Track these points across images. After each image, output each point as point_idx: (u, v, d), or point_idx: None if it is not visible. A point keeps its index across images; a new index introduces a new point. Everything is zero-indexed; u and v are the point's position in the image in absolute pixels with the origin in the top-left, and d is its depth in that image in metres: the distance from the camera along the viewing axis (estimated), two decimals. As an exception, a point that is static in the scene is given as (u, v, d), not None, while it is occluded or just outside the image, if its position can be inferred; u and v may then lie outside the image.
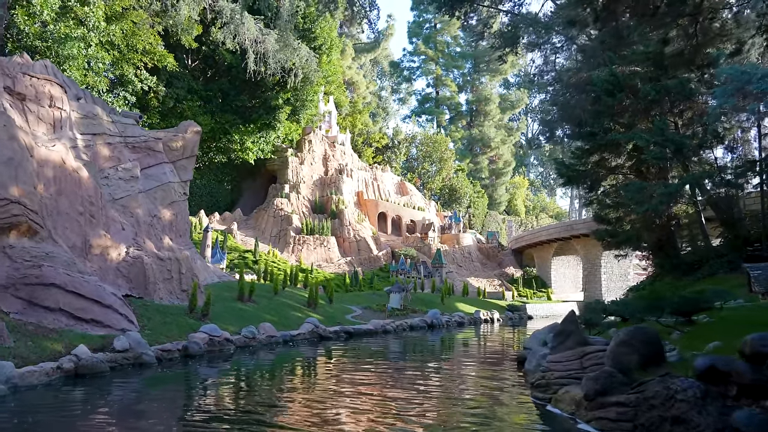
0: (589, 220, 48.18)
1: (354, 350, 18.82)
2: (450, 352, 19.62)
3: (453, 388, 11.38)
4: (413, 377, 12.89)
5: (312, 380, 12.83)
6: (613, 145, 27.12)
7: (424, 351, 19.84)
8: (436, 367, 14.80)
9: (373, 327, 23.52)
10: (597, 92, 25.83)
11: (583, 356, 8.45)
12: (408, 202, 57.63)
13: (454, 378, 12.95)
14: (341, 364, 15.47)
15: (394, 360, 16.67)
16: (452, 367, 14.91)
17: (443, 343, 23.05)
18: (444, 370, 14.39)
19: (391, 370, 14.25)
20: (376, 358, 16.95)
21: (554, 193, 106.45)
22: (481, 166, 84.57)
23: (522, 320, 38.77)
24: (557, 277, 52.47)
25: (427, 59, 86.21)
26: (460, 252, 53.03)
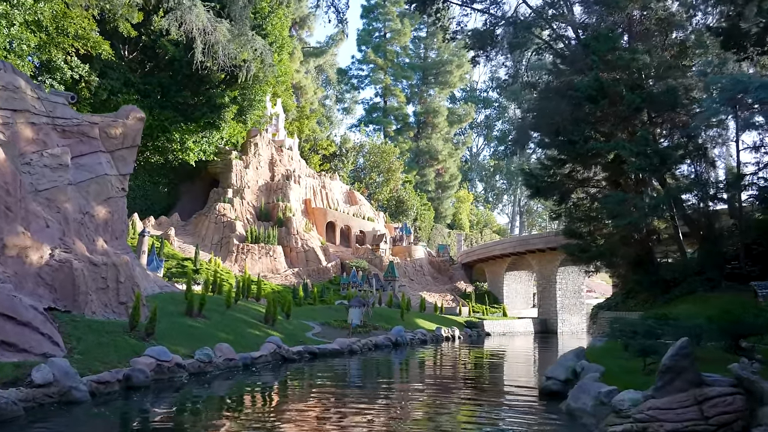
0: (545, 234, 47.34)
1: (325, 376, 16.17)
2: (440, 380, 17.28)
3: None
4: (421, 425, 10.43)
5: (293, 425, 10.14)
6: (593, 154, 25.80)
7: (408, 378, 17.41)
8: (442, 403, 12.41)
9: (339, 347, 20.88)
10: (579, 98, 24.46)
11: (702, 401, 6.39)
12: (357, 211, 55.22)
13: (476, 422, 10.48)
14: (319, 396, 12.82)
15: (380, 393, 14.14)
16: (461, 403, 12.58)
17: (421, 366, 20.70)
18: (451, 406, 12.03)
19: (385, 411, 11.73)
20: (358, 389, 14.38)
21: (496, 207, 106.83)
22: (428, 179, 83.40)
23: (480, 337, 37.09)
24: (509, 293, 51.32)
25: (376, 68, 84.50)
26: (411, 265, 51.02)
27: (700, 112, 23.76)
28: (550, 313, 45.10)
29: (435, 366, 21.05)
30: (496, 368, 21.60)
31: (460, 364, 22.11)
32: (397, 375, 17.76)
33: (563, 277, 45.33)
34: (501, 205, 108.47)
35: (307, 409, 11.11)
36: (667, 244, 26.22)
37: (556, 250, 43.58)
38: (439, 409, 11.40)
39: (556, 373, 11.25)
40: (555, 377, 11.21)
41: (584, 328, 46.15)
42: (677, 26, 26.29)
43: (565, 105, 24.73)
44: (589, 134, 25.32)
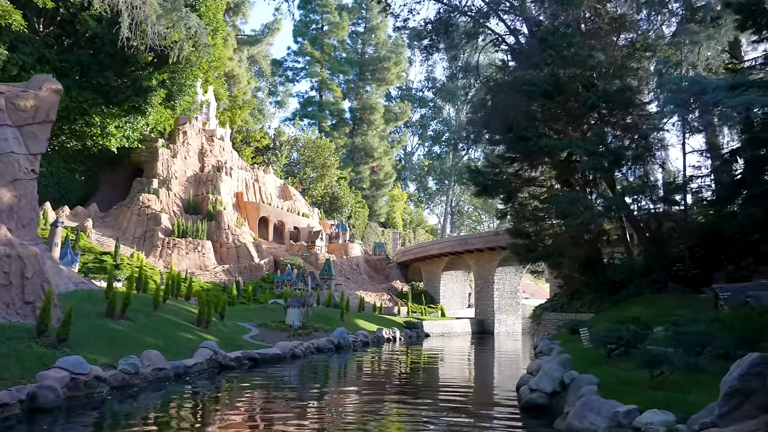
0: (484, 234, 47.02)
1: (269, 386, 14.40)
2: (402, 390, 15.85)
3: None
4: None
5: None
6: (545, 152, 25.19)
7: (365, 385, 15.85)
8: (414, 418, 10.99)
9: (281, 351, 19.07)
10: (534, 94, 23.75)
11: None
12: (292, 207, 53.07)
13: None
14: (260, 409, 11.09)
15: (345, 405, 12.55)
16: (434, 419, 11.20)
17: (372, 371, 19.19)
18: (425, 423, 10.63)
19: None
20: (313, 400, 12.72)
21: (428, 208, 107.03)
22: (363, 176, 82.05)
23: (420, 338, 36.10)
24: (446, 293, 50.75)
25: (313, 61, 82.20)
26: (348, 263, 49.46)
27: (657, 112, 23.70)
28: (488, 313, 44.79)
29: (386, 372, 19.65)
30: (456, 374, 20.46)
31: (414, 370, 20.81)
32: (353, 383, 16.20)
33: (501, 277, 45.13)
34: (433, 206, 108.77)
35: (245, 425, 9.44)
36: (614, 245, 26.06)
37: (495, 250, 43.39)
38: (416, 428, 10.00)
39: (541, 384, 10.09)
40: (540, 389, 10.05)
41: (520, 328, 46.22)
42: (629, 27, 26.14)
43: (519, 100, 23.97)
44: (543, 131, 24.72)
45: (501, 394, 14.57)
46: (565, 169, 25.97)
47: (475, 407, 12.05)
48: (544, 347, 22.71)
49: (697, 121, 21.34)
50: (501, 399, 13.32)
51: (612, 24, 25.95)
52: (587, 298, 26.47)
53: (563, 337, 21.07)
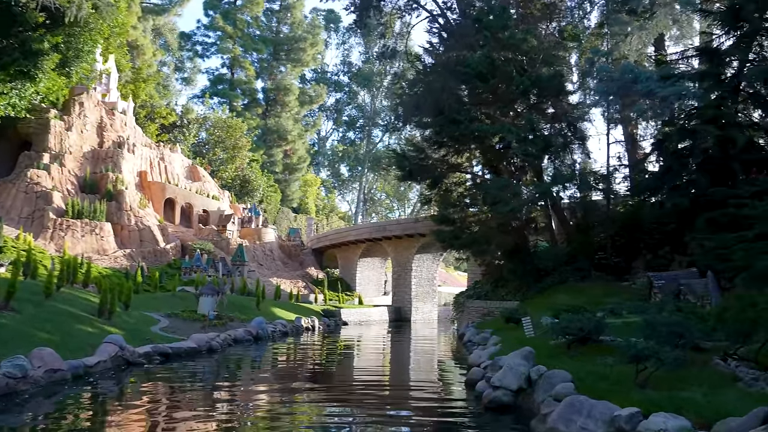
0: (403, 220, 46.47)
1: (181, 384, 12.67)
2: (338, 384, 14.53)
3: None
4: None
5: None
6: (476, 137, 24.64)
7: (294, 380, 14.36)
8: (369, 415, 9.75)
9: (196, 344, 17.18)
10: (468, 75, 23.05)
11: None
12: (201, 189, 49.92)
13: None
14: (170, 412, 9.46)
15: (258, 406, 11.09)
16: (384, 416, 10.02)
17: (296, 360, 17.67)
18: (375, 421, 9.42)
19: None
20: (225, 402, 11.16)
21: (341, 194, 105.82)
22: (276, 159, 79.34)
23: (338, 327, 34.91)
24: (362, 280, 49.85)
25: (225, 36, 78.01)
26: (261, 249, 47.26)
27: (580, 102, 23.76)
28: (405, 301, 44.36)
29: (314, 363, 18.26)
30: (395, 367, 19.38)
31: (342, 360, 19.56)
32: (280, 377, 14.68)
33: (419, 264, 44.82)
34: (345, 192, 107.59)
35: (148, 429, 7.90)
36: (541, 233, 26.09)
37: (414, 237, 42.95)
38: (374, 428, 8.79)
39: (506, 381, 9.17)
40: (505, 386, 9.13)
41: (436, 316, 46.23)
42: (558, 15, 26.07)
43: (453, 81, 23.21)
44: (475, 115, 24.13)
45: (449, 389, 13.63)
46: (494, 155, 25.62)
47: (429, 406, 11.02)
48: (473, 335, 22.23)
49: (627, 111, 21.51)
50: (453, 396, 12.36)
51: (543, 11, 25.75)
52: (512, 286, 26.37)
53: (496, 325, 20.62)
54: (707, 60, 19.95)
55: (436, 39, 29.61)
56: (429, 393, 12.83)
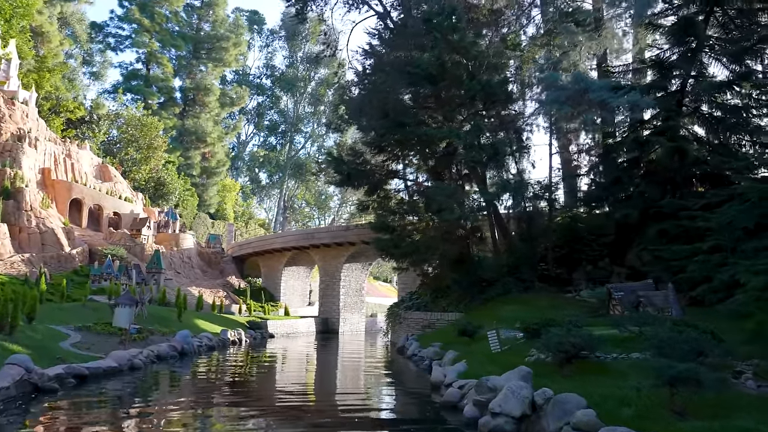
0: (333, 228, 44.94)
1: (98, 412, 10.62)
2: (296, 409, 12.85)
3: None
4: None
5: None
6: (422, 141, 23.72)
7: (228, 400, 12.53)
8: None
9: (117, 363, 14.93)
10: (418, 77, 22.11)
11: None
12: (112, 189, 46.08)
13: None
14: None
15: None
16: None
17: (239, 381, 15.72)
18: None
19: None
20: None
21: (261, 200, 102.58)
22: (193, 162, 75.44)
23: (264, 339, 32.87)
24: (287, 290, 47.77)
25: (141, 30, 73.23)
26: (179, 256, 44.12)
27: (539, 109, 23.43)
28: (333, 312, 42.76)
29: (254, 381, 16.42)
30: (336, 382, 17.84)
31: (284, 377, 17.82)
32: (209, 398, 12.80)
33: (347, 274, 43.41)
34: (265, 199, 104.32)
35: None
36: (482, 243, 25.49)
37: (343, 246, 41.56)
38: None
39: (507, 406, 8.04)
40: (507, 413, 8.00)
41: (363, 327, 44.95)
42: (504, 23, 25.80)
43: (400, 82, 22.19)
44: (422, 118, 23.23)
45: (423, 412, 12.29)
46: (439, 161, 24.82)
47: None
48: (417, 349, 21.12)
49: (577, 120, 21.36)
50: (436, 422, 11.04)
51: (489, 17, 25.37)
52: (453, 296, 25.55)
53: (445, 338, 19.59)
54: (657, 73, 20.12)
55: (376, 41, 28.60)
56: (405, 416, 11.51)
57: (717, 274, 15.11)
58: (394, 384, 16.84)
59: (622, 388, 7.96)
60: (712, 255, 15.64)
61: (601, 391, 7.98)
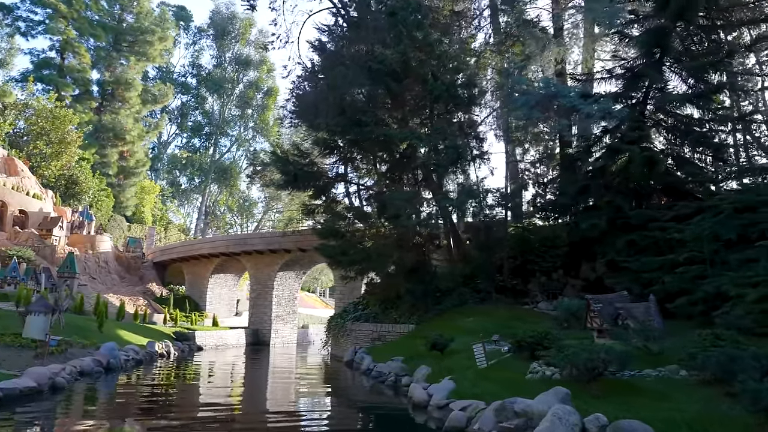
0: (268, 234, 42.60)
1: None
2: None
3: None
4: None
5: None
6: (381, 142, 22.39)
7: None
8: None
9: (36, 382, 12.48)
10: (380, 73, 20.79)
11: None
12: (18, 185, 41.62)
13: None
14: None
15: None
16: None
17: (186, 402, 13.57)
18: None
19: None
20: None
21: (182, 204, 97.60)
22: (110, 161, 70.29)
23: (192, 351, 30.25)
24: (213, 299, 44.83)
25: (56, 15, 67.57)
26: (95, 259, 40.33)
27: (498, 113, 22.70)
28: (264, 322, 40.38)
29: (197, 398, 14.33)
30: (289, 397, 15.95)
31: (230, 392, 15.78)
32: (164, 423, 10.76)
33: (281, 283, 41.24)
34: (186, 203, 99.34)
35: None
36: (436, 252, 24.42)
37: (277, 253, 39.47)
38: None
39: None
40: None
41: (295, 339, 42.85)
42: (469, 25, 25.10)
43: (361, 78, 20.79)
44: (382, 117, 21.94)
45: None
46: (397, 164, 23.58)
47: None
48: (372, 363, 19.65)
49: (542, 126, 20.82)
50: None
51: (452, 18, 24.57)
52: (405, 307, 24.28)
53: (407, 352, 18.23)
54: (624, 82, 19.91)
55: (326, 38, 27.09)
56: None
57: (700, 286, 14.73)
58: (359, 403, 15.22)
59: (682, 411, 6.93)
60: (690, 266, 15.28)
61: (656, 416, 6.91)
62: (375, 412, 13.09)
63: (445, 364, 14.53)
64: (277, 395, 17.13)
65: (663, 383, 8.72)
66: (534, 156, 25.16)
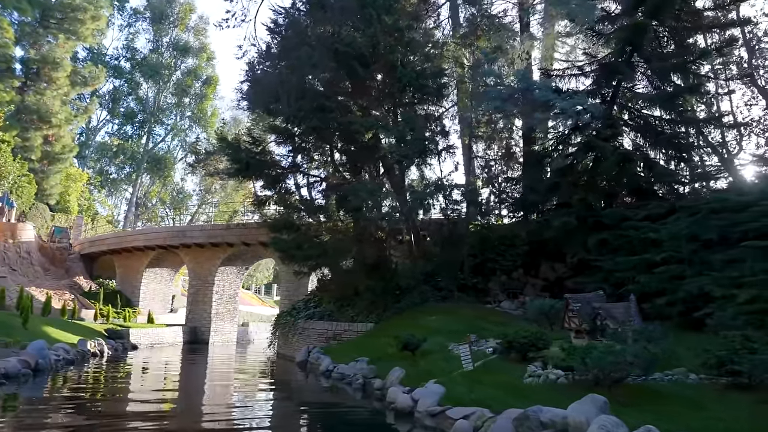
0: (210, 226, 40.46)
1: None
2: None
3: None
4: None
5: None
6: (344, 130, 21.20)
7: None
8: None
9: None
10: (347, 56, 19.60)
11: None
12: (-72, 166, 37.69)
13: None
14: None
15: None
16: None
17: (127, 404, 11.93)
18: None
19: None
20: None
21: (111, 194, 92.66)
22: (33, 145, 65.28)
23: (126, 350, 28.09)
24: (147, 294, 42.16)
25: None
26: (15, 250, 37.02)
27: (465, 106, 21.92)
28: (203, 320, 38.26)
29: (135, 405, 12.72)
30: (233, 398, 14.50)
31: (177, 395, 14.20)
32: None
33: (222, 278, 39.23)
34: (115, 193, 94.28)
35: None
36: (402, 248, 23.49)
37: (220, 247, 37.50)
38: None
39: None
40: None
41: (235, 337, 40.94)
42: (436, 14, 24.30)
43: (328, 60, 19.55)
44: (347, 104, 20.74)
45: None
46: (359, 155, 22.45)
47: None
48: (331, 365, 18.53)
49: (514, 120, 20.26)
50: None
51: (419, 5, 23.69)
52: (362, 305, 23.23)
53: (371, 353, 17.15)
54: (596, 78, 19.62)
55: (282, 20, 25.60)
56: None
57: (680, 286, 14.45)
58: (329, 409, 13.98)
59: (723, 420, 6.24)
60: (669, 266, 15.02)
61: (706, 426, 6.18)
62: (349, 418, 11.97)
63: (422, 366, 13.58)
64: (230, 399, 15.66)
65: (683, 388, 8.14)
66: (495, 152, 24.67)
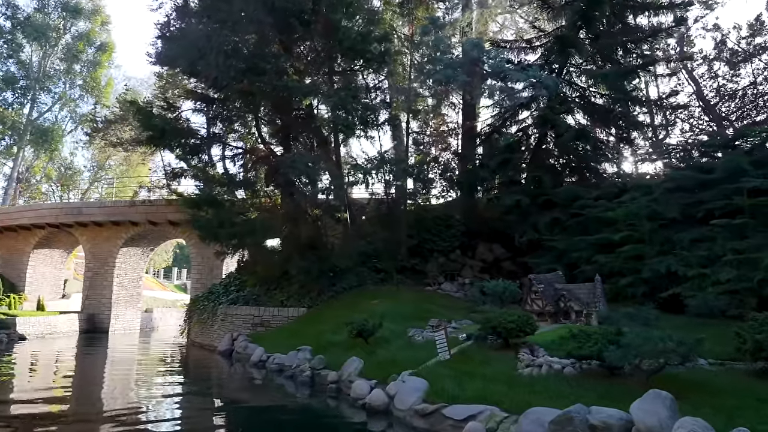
0: (111, 204, 36.50)
1: None
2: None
3: None
4: None
5: None
6: (278, 96, 19.08)
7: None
8: None
9: None
10: (287, 12, 17.51)
11: None
12: None
13: None
14: None
15: None
16: None
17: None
18: None
19: None
20: None
21: None
22: None
23: (12, 342, 24.64)
24: (35, 278, 37.64)
25: None
26: None
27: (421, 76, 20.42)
28: (102, 306, 34.64)
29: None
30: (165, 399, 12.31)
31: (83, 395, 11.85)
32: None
33: (124, 261, 35.70)
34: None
35: None
36: (338, 227, 21.82)
37: (122, 226, 34.05)
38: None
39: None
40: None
41: (138, 325, 37.58)
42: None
43: (264, 15, 17.40)
44: (284, 66, 18.63)
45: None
46: (293, 124, 20.45)
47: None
48: (265, 355, 16.72)
49: (467, 91, 19.12)
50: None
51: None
52: (293, 289, 21.43)
53: (316, 341, 15.51)
54: (546, 53, 18.90)
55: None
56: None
57: (645, 266, 13.99)
58: (274, 409, 12.14)
59: None
60: (630, 246, 14.55)
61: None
62: (310, 422, 10.27)
63: (381, 355, 12.15)
64: (136, 398, 13.46)
65: (721, 376, 7.36)
66: (434, 128, 23.56)
